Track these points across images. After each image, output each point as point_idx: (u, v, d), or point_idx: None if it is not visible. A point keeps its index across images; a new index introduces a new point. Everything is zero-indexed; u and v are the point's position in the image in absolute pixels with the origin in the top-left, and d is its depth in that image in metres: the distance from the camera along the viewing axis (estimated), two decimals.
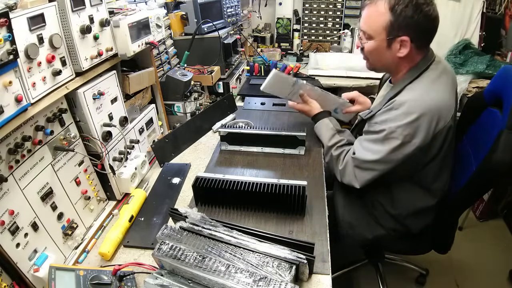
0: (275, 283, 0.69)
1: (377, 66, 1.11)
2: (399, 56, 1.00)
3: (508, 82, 1.06)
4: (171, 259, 0.74)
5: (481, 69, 1.95)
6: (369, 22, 1.01)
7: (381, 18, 0.97)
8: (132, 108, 1.23)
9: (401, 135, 0.97)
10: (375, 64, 1.10)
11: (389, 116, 0.99)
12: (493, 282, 1.77)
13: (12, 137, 0.73)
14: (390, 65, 1.07)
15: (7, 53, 0.65)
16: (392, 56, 1.02)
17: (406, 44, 0.97)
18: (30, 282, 0.77)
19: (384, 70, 1.15)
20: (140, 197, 1.08)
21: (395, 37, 0.98)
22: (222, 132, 1.31)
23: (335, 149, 1.17)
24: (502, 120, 1.01)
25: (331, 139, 1.20)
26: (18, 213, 0.74)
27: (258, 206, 1.02)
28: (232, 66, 1.95)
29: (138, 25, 1.11)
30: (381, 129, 1.01)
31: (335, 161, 1.16)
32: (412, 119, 0.94)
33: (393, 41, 0.99)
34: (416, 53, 1.02)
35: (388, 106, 1.01)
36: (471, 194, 1.13)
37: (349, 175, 1.11)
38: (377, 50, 1.03)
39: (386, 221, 1.19)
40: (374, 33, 1.01)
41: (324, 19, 2.59)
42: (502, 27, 2.21)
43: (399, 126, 0.96)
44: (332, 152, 1.17)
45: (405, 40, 0.97)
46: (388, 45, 1.00)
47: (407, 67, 1.05)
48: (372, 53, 1.05)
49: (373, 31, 1.01)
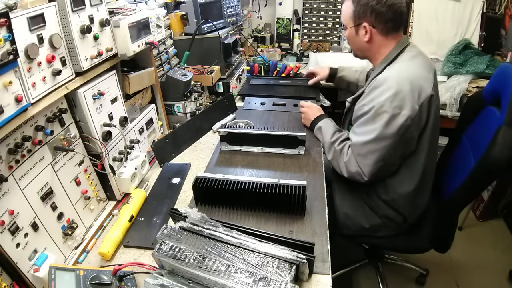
0: (275, 283, 0.69)
1: (356, 52, 1.27)
2: (365, 40, 1.15)
3: (506, 79, 1.07)
4: (171, 259, 0.74)
5: (481, 69, 1.95)
6: (343, 14, 1.20)
7: (348, 10, 1.16)
8: (132, 108, 1.23)
9: (389, 107, 1.02)
10: (354, 50, 1.27)
11: (374, 94, 1.06)
12: (493, 282, 1.77)
13: (12, 137, 0.73)
14: (364, 50, 1.21)
15: (7, 53, 0.65)
16: (361, 41, 1.17)
17: (367, 29, 1.12)
18: (30, 282, 0.77)
19: (362, 55, 1.26)
20: (140, 197, 1.08)
21: (358, 24, 1.14)
22: (222, 132, 1.31)
23: (338, 143, 1.20)
24: (500, 116, 1.01)
25: (333, 135, 1.24)
26: (18, 213, 0.74)
27: (258, 206, 1.02)
28: (232, 66, 1.94)
29: (138, 25, 1.11)
30: (370, 108, 1.06)
31: (339, 154, 1.18)
32: (396, 91, 1.01)
33: (359, 28, 1.15)
34: (383, 39, 1.14)
35: (371, 86, 1.08)
36: (470, 191, 1.14)
37: (354, 166, 1.13)
38: (350, 37, 1.21)
39: (380, 208, 1.21)
40: (346, 23, 1.19)
41: (324, 19, 2.59)
42: (502, 27, 2.21)
43: (386, 99, 1.02)
44: (336, 147, 1.20)
45: (365, 26, 1.12)
46: (356, 32, 1.17)
47: (381, 53, 1.16)
48: (349, 41, 1.23)
49: (345, 21, 1.20)
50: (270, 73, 2.10)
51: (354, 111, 1.16)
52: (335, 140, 1.22)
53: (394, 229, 1.23)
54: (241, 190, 0.97)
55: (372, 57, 1.21)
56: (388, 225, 1.22)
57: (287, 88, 1.90)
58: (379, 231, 1.24)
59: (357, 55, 1.28)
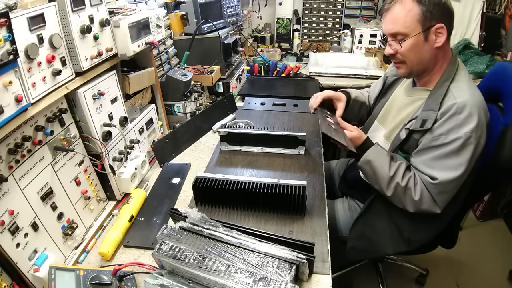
0: (275, 283, 0.69)
1: (415, 68, 1.04)
2: (437, 46, 0.98)
3: (507, 78, 1.06)
4: (171, 259, 0.74)
5: (481, 69, 1.95)
6: (399, 21, 0.98)
7: (411, 13, 0.96)
8: (132, 108, 1.23)
9: (475, 138, 0.92)
10: (413, 66, 1.03)
11: (456, 122, 0.92)
12: (493, 282, 1.77)
13: (12, 137, 0.73)
14: (429, 62, 1.02)
15: (7, 53, 0.65)
16: (431, 48, 0.99)
17: (443, 31, 0.96)
18: (30, 282, 0.77)
19: (422, 70, 1.05)
20: (140, 197, 1.08)
21: (430, 27, 0.96)
22: (222, 132, 1.31)
23: (401, 177, 1.01)
24: (505, 116, 1.01)
25: (391, 167, 1.02)
26: (18, 213, 0.74)
27: (258, 206, 1.02)
28: (232, 66, 1.94)
29: (138, 25, 1.11)
30: (454, 138, 0.93)
31: (404, 192, 1.01)
32: (478, 120, 0.91)
33: (429, 32, 0.96)
34: (447, 43, 1.00)
35: (448, 113, 0.94)
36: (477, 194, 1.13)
37: (427, 203, 1.00)
38: (416, 46, 0.99)
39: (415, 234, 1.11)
40: (409, 30, 0.97)
41: (324, 19, 2.59)
42: (502, 27, 2.21)
43: (472, 129, 0.91)
44: (400, 182, 1.01)
45: (440, 27, 0.95)
46: (425, 38, 0.97)
47: (444, 62, 1.02)
48: (411, 52, 1.00)
49: (406, 28, 0.97)
50: (270, 73, 2.10)
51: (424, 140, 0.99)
52: (395, 173, 1.02)
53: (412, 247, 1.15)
54: (241, 190, 0.97)
55: (432, 70, 1.03)
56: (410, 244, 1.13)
57: (287, 88, 1.90)
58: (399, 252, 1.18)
59: (414, 71, 1.05)
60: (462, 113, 0.91)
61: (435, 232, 1.10)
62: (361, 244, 1.19)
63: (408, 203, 1.02)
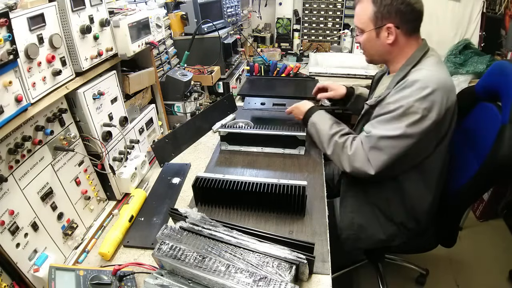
0: (275, 283, 0.69)
1: (373, 57, 1.19)
2: (388, 43, 1.09)
3: (506, 77, 1.07)
4: (171, 259, 0.74)
5: (481, 69, 1.95)
6: (359, 17, 1.13)
7: (367, 12, 1.09)
8: (132, 108, 1.23)
9: (419, 108, 0.98)
10: (371, 56, 1.18)
11: (403, 93, 1.01)
12: (493, 282, 1.77)
13: (12, 137, 0.73)
14: (384, 54, 1.14)
15: (7, 53, 0.65)
16: (383, 44, 1.10)
17: (392, 30, 1.07)
18: (30, 282, 0.77)
19: (380, 60, 1.20)
20: (140, 197, 1.08)
21: (380, 26, 1.08)
22: (222, 132, 1.31)
23: (339, 136, 1.13)
24: (503, 114, 1.01)
25: (332, 127, 1.16)
26: (18, 213, 0.74)
27: (258, 206, 1.02)
28: (232, 66, 1.95)
29: (138, 25, 1.11)
30: (398, 106, 1.01)
31: (341, 148, 1.10)
32: (428, 93, 0.97)
33: (380, 30, 1.08)
34: (406, 40, 1.09)
35: (400, 87, 1.03)
36: (476, 191, 1.13)
37: (360, 160, 1.06)
38: (370, 41, 1.12)
39: (398, 215, 1.17)
40: (364, 26, 1.11)
41: (324, 19, 2.59)
42: (502, 27, 2.21)
43: (417, 100, 0.97)
44: (337, 140, 1.12)
45: (390, 27, 1.06)
46: (376, 34, 1.10)
47: (404, 55, 1.11)
48: (366, 45, 1.15)
49: (362, 24, 1.12)
50: (270, 73, 2.10)
51: (375, 111, 1.09)
52: (335, 133, 1.14)
53: (409, 234, 1.20)
54: (241, 190, 0.98)
55: (393, 60, 1.15)
56: (403, 231, 1.19)
57: (287, 88, 1.90)
58: (395, 240, 1.21)
59: (374, 60, 1.21)
60: (412, 86, 0.99)
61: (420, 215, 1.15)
62: (353, 233, 1.21)
63: (344, 160, 1.10)
